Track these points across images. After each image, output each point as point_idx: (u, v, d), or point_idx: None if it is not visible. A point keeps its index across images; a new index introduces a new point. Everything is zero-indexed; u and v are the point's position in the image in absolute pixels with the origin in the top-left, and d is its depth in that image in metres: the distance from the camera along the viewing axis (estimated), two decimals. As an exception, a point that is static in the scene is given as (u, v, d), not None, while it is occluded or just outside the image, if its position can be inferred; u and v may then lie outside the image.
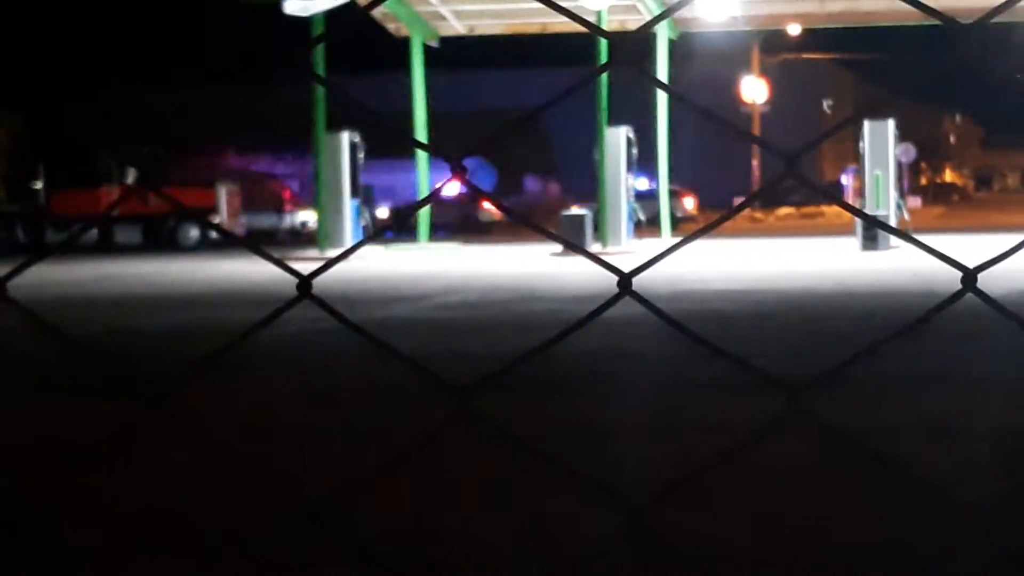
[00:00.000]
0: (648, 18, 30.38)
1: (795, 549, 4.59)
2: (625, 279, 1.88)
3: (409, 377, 8.77)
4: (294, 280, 2.07)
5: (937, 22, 1.96)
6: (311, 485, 5.37)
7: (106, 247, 33.92)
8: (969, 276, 1.90)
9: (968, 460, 5.97)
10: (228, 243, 34.23)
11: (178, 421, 2.18)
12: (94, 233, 34.81)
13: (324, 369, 9.66)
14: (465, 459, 5.87)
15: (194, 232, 34.87)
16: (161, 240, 34.47)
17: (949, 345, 9.83)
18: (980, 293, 1.88)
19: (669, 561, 4.34)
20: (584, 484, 4.36)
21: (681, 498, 4.85)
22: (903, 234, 1.93)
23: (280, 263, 2.09)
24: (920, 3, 1.89)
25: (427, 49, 31.73)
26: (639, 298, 1.89)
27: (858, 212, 1.85)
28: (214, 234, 34.71)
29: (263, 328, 2.11)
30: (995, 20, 1.95)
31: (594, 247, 27.25)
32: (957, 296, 1.91)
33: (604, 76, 28.15)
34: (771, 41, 58.64)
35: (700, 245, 29.45)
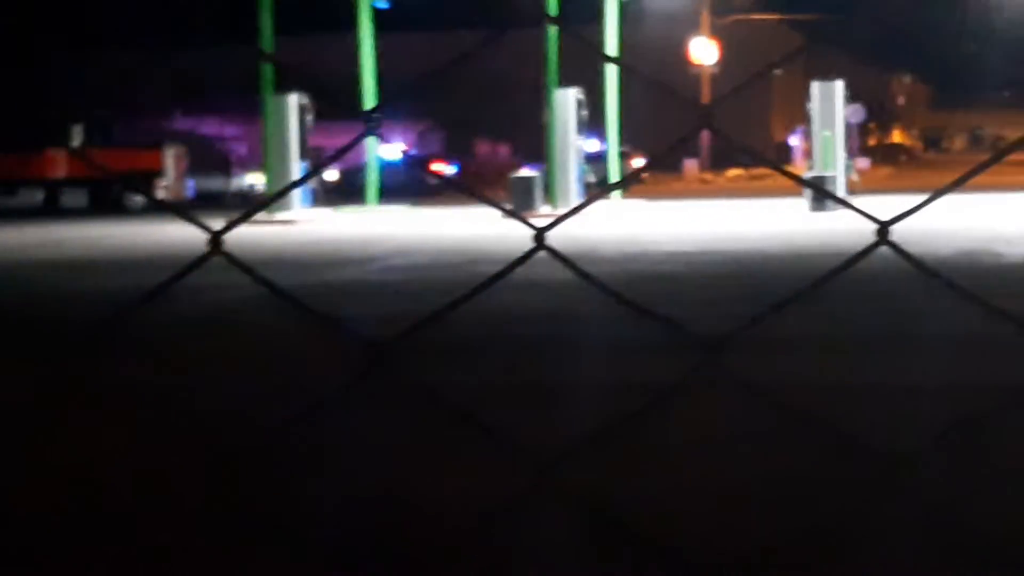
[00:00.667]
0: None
1: (704, 507, 4.55)
2: (539, 233, 1.83)
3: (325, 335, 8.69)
4: (247, 243, 1.99)
5: None
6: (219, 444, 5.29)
7: (52, 210, 33.62)
8: (882, 229, 1.91)
9: (891, 417, 5.94)
10: (174, 206, 33.90)
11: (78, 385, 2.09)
12: (40, 197, 34.49)
13: (252, 330, 9.54)
14: (375, 417, 5.81)
15: (140, 196, 34.60)
16: (108, 204, 34.19)
17: (899, 304, 9.82)
18: (893, 245, 1.88)
19: (573, 519, 4.29)
20: (495, 440, 4.31)
21: (593, 456, 4.80)
22: (824, 191, 1.87)
23: (194, 220, 2.00)
24: None
25: (375, 10, 31.52)
26: (554, 252, 1.84)
27: (780, 169, 1.81)
28: (160, 197, 34.44)
29: (174, 286, 2.01)
30: None
31: (545, 208, 27.19)
32: (871, 249, 1.93)
33: (554, 36, 28.06)
34: (721, 2, 58.59)
35: (651, 206, 29.43)
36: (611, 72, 31.28)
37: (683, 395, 5.51)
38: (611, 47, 31.47)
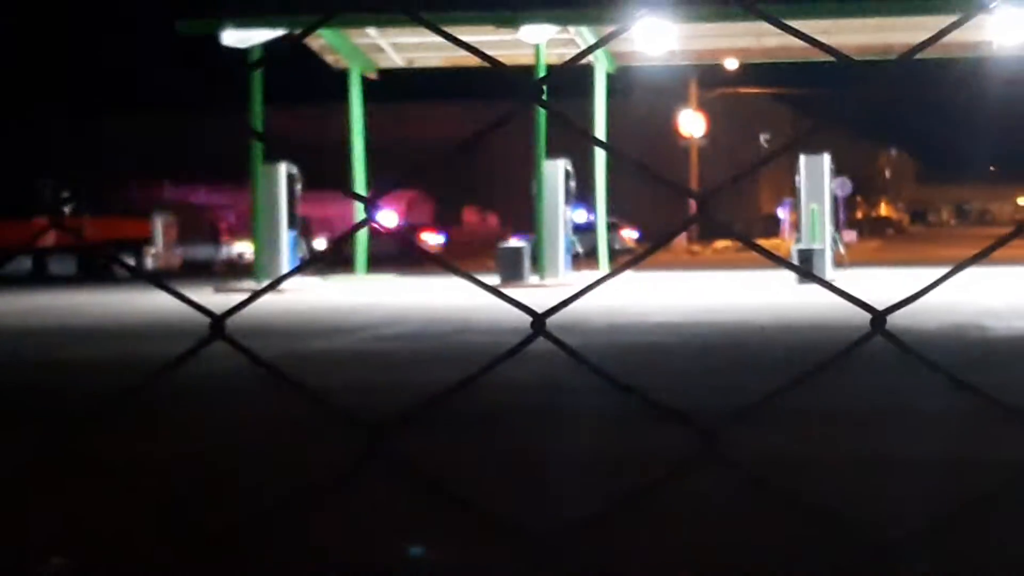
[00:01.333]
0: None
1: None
2: (538, 320, 1.86)
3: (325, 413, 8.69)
4: (237, 313, 2.01)
5: (872, 58, 1.95)
6: (212, 523, 5.29)
7: (40, 278, 33.59)
8: (878, 318, 1.91)
9: (888, 494, 5.95)
10: (164, 275, 33.94)
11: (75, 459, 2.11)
12: (28, 264, 34.47)
13: (242, 406, 9.54)
14: (376, 498, 5.81)
15: (129, 263, 34.62)
16: (96, 271, 34.17)
17: (888, 379, 9.85)
18: (889, 335, 1.89)
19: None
20: (494, 521, 4.31)
21: (592, 534, 4.81)
22: (810, 274, 1.92)
23: (191, 302, 2.02)
24: (819, 42, 1.89)
25: (366, 81, 31.69)
26: (552, 338, 1.86)
27: (759, 248, 1.83)
28: (149, 265, 34.44)
29: (181, 365, 2.04)
30: (925, 56, 1.96)
31: (532, 279, 27.24)
32: (865, 338, 1.93)
33: (542, 109, 28.19)
34: (709, 75, 59.02)
35: (639, 278, 29.49)
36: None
37: (676, 473, 5.53)
38: (599, 121, 31.66)
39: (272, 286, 2.14)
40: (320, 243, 43.22)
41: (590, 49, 1.98)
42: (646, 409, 7.42)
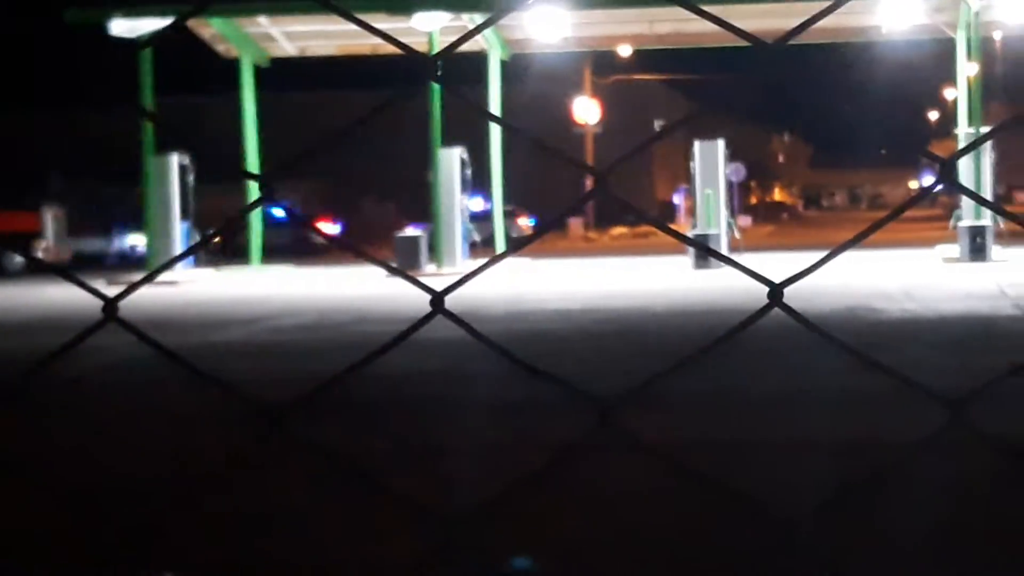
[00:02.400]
0: (481, 41, 30.43)
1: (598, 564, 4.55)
2: (437, 297, 1.83)
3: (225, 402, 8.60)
4: (130, 304, 1.95)
5: (766, 41, 1.94)
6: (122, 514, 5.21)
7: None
8: (775, 291, 1.92)
9: (777, 475, 5.99)
10: (55, 268, 33.42)
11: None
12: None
13: (141, 395, 9.42)
14: (276, 481, 5.75)
15: (19, 257, 34.08)
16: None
17: (783, 360, 9.92)
18: (785, 307, 1.90)
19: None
20: (399, 501, 4.27)
21: (496, 515, 4.78)
22: (712, 251, 1.91)
23: (85, 286, 1.97)
24: (726, 23, 1.88)
25: (258, 70, 31.41)
26: (451, 316, 1.83)
27: (667, 228, 1.81)
28: (39, 257, 33.97)
29: (68, 353, 1.98)
30: (817, 40, 1.95)
31: (430, 268, 27.18)
32: (764, 311, 1.93)
33: (436, 96, 28.15)
34: (603, 62, 59.23)
35: (537, 266, 29.46)
36: (495, 131, 31.42)
37: (575, 455, 5.52)
38: (494, 108, 31.65)
39: (162, 270, 2.08)
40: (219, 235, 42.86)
41: (478, 29, 1.94)
42: (543, 394, 7.41)
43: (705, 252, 1.87)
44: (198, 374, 1.97)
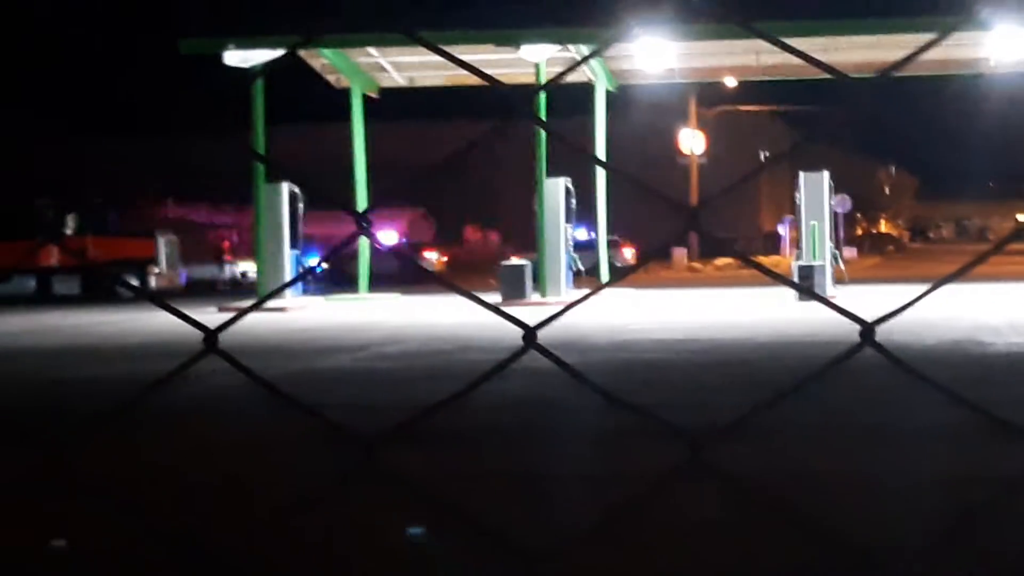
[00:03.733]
0: (587, 72, 30.62)
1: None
2: (530, 333, 1.93)
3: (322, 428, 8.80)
4: (233, 330, 2.10)
5: (868, 75, 2.05)
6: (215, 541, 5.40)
7: (44, 298, 33.71)
8: (867, 330, 1.95)
9: (881, 511, 6.05)
10: (167, 295, 34.07)
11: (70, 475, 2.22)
12: (32, 285, 34.60)
13: (240, 422, 9.64)
14: (372, 510, 5.92)
15: (133, 282, 34.72)
16: (100, 291, 34.28)
17: (884, 394, 9.95)
18: (878, 346, 1.95)
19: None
20: (485, 534, 4.41)
21: (586, 548, 4.91)
22: (806, 290, 2.01)
23: (186, 317, 2.12)
24: (815, 59, 1.98)
25: (367, 100, 31.83)
26: (543, 351, 1.94)
27: (755, 264, 1.92)
28: (153, 284, 34.57)
29: (172, 380, 2.14)
30: (924, 73, 2.05)
31: (534, 297, 27.35)
32: (855, 350, 1.98)
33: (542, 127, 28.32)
34: (708, 93, 59.15)
35: (641, 296, 29.48)
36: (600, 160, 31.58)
37: (669, 487, 5.64)
38: (599, 138, 31.80)
39: (264, 300, 2.24)
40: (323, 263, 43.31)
41: (585, 59, 2.08)
42: (637, 425, 7.53)
43: (799, 290, 1.97)
44: (292, 403, 2.13)
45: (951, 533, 5.16)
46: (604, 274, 32.38)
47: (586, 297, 2.07)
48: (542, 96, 28.22)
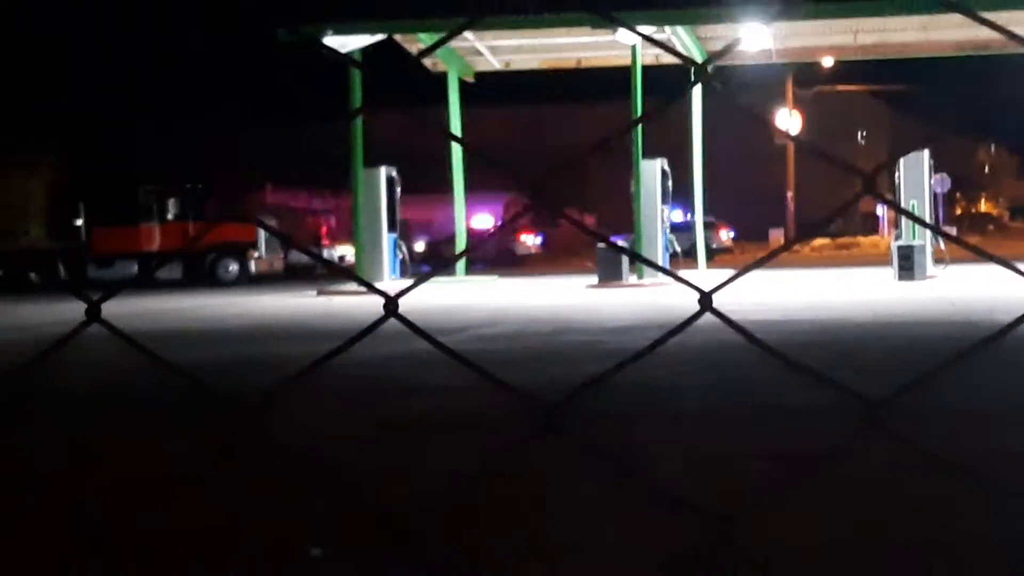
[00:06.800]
0: (681, 51, 30.56)
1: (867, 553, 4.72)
2: (706, 297, 1.93)
3: (473, 403, 8.93)
4: (335, 313, 2.19)
5: (968, 53, 2.09)
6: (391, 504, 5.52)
7: (147, 283, 34.25)
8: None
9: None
10: (264, 278, 34.46)
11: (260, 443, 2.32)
12: (134, 269, 35.14)
13: (397, 398, 9.80)
14: (553, 477, 6.02)
15: (233, 267, 35.15)
16: (201, 275, 34.77)
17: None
18: (718, 313, 1.96)
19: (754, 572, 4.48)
20: (670, 499, 4.49)
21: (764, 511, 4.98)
22: (943, 232, 2.02)
23: (369, 285, 2.22)
24: (998, 26, 1.95)
25: (463, 84, 32.00)
26: (720, 315, 1.95)
27: (920, 220, 1.92)
28: (253, 268, 34.99)
29: (349, 349, 2.24)
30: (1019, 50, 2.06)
31: (632, 279, 27.39)
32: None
33: (639, 109, 28.35)
34: (805, 73, 58.74)
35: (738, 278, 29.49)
36: (696, 143, 31.51)
37: (848, 440, 5.67)
38: (696, 120, 31.75)
39: (433, 274, 2.31)
40: (419, 245, 43.64)
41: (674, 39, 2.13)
42: (788, 404, 7.49)
43: (934, 231, 1.98)
44: (479, 371, 2.21)
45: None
46: (701, 255, 32.33)
47: (766, 259, 2.06)
48: (638, 77, 28.21)
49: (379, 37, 28.30)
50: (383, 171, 28.80)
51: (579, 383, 2.15)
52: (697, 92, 31.68)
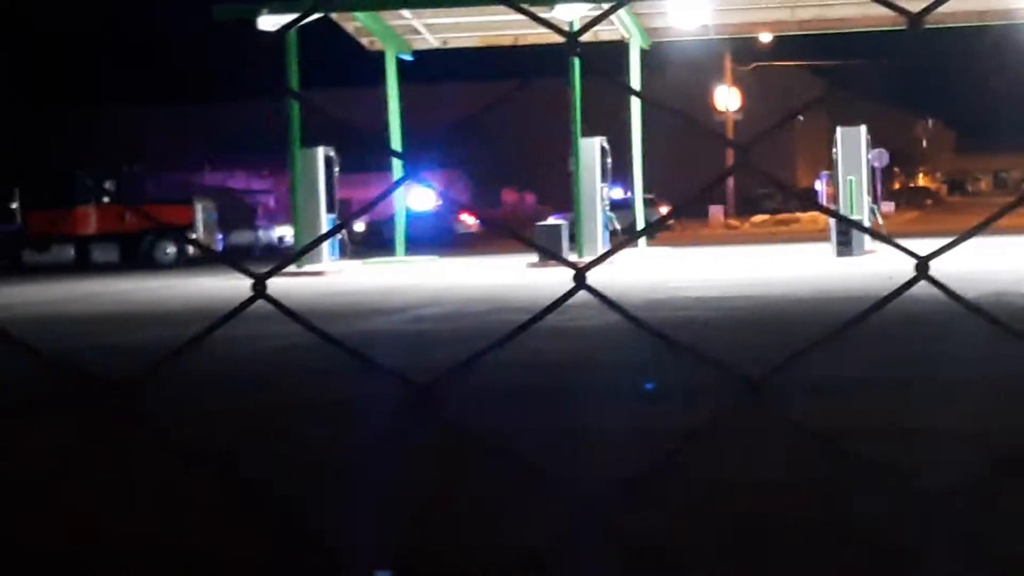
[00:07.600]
0: (621, 30, 30.50)
1: (746, 542, 4.65)
2: (579, 273, 1.93)
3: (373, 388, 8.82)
4: (276, 294, 2.09)
5: (906, 28, 2.02)
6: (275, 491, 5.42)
7: (83, 266, 33.89)
8: (922, 264, 1.95)
9: (930, 459, 6.03)
10: (204, 260, 34.21)
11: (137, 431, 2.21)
12: (71, 252, 34.77)
13: (291, 384, 9.69)
14: (425, 457, 5.94)
15: (171, 249, 34.85)
16: (138, 258, 34.43)
17: (924, 347, 9.91)
18: (933, 280, 1.95)
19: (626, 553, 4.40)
20: (543, 477, 4.42)
21: (638, 495, 4.91)
22: (878, 234, 1.99)
23: (238, 266, 2.12)
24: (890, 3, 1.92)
25: (400, 62, 31.80)
26: (593, 291, 1.94)
27: (833, 213, 1.89)
28: (191, 251, 34.70)
29: (215, 333, 2.14)
30: (961, 24, 2.01)
31: (571, 257, 27.33)
32: (911, 283, 1.98)
33: (577, 86, 28.28)
34: (743, 49, 58.86)
35: (677, 253, 29.44)
36: (635, 120, 31.46)
37: (724, 437, 5.62)
38: (634, 98, 31.68)
39: (303, 253, 2.22)
40: (358, 226, 43.39)
41: (615, 7, 2.04)
42: (683, 382, 7.47)
43: (857, 229, 1.93)
44: (353, 354, 2.12)
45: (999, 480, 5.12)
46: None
47: (627, 243, 2.05)
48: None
49: (314, 16, 28.04)
50: (321, 151, 28.58)
51: (464, 361, 2.08)
52: (635, 68, 31.62)
